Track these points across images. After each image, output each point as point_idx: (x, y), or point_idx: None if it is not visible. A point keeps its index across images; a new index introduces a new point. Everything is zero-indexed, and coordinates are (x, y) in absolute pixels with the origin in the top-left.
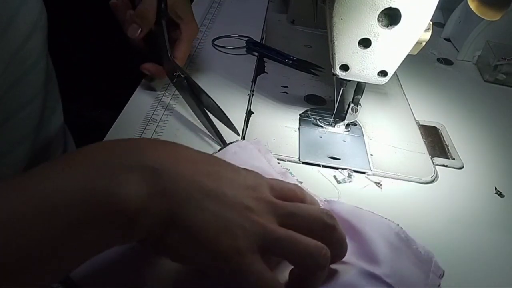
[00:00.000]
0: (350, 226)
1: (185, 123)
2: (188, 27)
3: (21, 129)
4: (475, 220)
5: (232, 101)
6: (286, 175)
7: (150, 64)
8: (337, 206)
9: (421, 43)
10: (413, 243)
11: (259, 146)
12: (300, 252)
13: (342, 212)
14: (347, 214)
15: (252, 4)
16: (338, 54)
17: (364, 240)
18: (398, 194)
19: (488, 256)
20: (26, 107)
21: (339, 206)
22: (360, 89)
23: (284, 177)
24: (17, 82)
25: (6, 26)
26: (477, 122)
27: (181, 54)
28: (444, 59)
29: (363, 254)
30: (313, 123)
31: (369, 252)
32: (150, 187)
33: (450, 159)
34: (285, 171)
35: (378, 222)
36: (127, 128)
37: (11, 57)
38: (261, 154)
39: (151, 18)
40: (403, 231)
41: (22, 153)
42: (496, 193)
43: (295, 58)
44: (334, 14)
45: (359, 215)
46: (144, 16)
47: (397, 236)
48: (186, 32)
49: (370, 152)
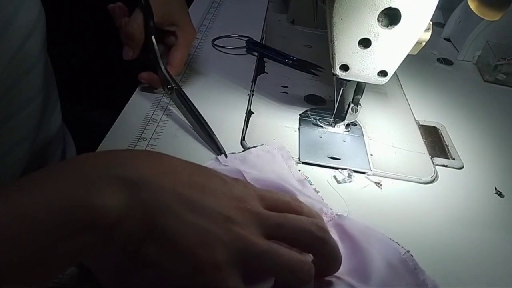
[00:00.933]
0: (355, 243)
1: (185, 124)
2: (184, 32)
3: (20, 130)
4: (475, 220)
5: (232, 101)
6: (304, 182)
7: (146, 74)
8: (346, 222)
9: (421, 43)
10: (421, 274)
11: (282, 151)
12: (281, 267)
13: (351, 229)
14: (356, 231)
15: (252, 4)
16: (338, 54)
17: (365, 260)
18: (398, 194)
19: (488, 256)
20: (25, 108)
21: (348, 222)
22: (360, 89)
23: (302, 185)
24: (17, 83)
25: (4, 27)
26: (477, 122)
27: (176, 61)
28: (444, 59)
29: (359, 272)
30: (313, 123)
31: (365, 271)
32: (128, 198)
33: (450, 159)
34: (304, 179)
35: (386, 245)
36: (127, 128)
37: (10, 58)
38: (283, 160)
39: (139, 38)
40: (413, 259)
41: (21, 153)
42: (496, 193)
43: (295, 58)
44: (334, 14)
45: (367, 234)
46: (132, 38)
47: (403, 262)
48: (182, 38)
49: (370, 152)
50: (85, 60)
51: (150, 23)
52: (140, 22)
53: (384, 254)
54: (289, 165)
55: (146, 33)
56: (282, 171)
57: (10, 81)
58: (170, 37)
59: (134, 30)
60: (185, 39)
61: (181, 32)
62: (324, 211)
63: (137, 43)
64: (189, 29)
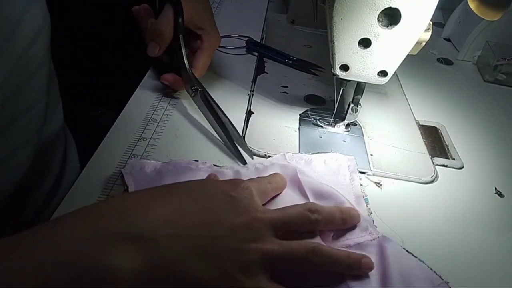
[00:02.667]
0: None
1: (185, 124)
2: (209, 37)
3: (23, 134)
4: (475, 220)
5: (232, 101)
6: (360, 200)
7: (169, 75)
8: (386, 244)
9: (421, 43)
10: None
11: (350, 163)
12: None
13: (389, 250)
14: (393, 253)
15: (252, 4)
16: (338, 54)
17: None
18: (398, 194)
19: (488, 256)
20: (29, 111)
21: (388, 244)
22: (360, 89)
23: (357, 201)
24: (21, 87)
25: (10, 32)
26: (477, 122)
27: (201, 64)
28: (444, 59)
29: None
30: (313, 123)
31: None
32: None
33: (450, 159)
34: (361, 196)
35: (422, 270)
36: (127, 128)
37: (16, 61)
38: (348, 172)
39: (168, 36)
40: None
41: (24, 156)
42: (496, 193)
43: (295, 58)
44: (334, 14)
45: (404, 258)
46: (160, 34)
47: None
48: (207, 43)
49: (370, 152)
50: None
51: (180, 22)
52: (170, 19)
53: (417, 278)
54: (353, 177)
55: (175, 31)
56: (342, 183)
57: (15, 85)
58: (195, 41)
59: (163, 26)
60: (211, 44)
61: (207, 36)
62: (369, 230)
63: (165, 40)
64: (215, 34)
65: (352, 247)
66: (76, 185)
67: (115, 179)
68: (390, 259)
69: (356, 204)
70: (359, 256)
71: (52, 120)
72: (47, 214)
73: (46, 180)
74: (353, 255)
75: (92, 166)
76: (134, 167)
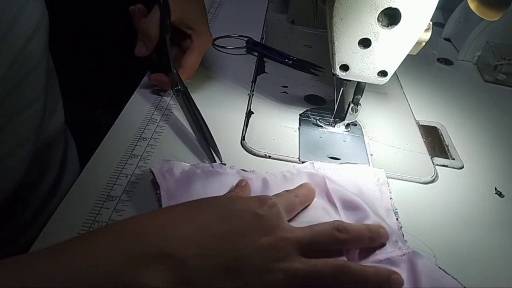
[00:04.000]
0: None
1: (185, 124)
2: (199, 37)
3: (22, 132)
4: (475, 220)
5: (232, 101)
6: (390, 213)
7: (157, 75)
8: (418, 260)
9: (421, 43)
10: None
11: (380, 175)
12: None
13: (420, 267)
14: (425, 270)
15: (252, 4)
16: (338, 54)
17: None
18: (398, 194)
19: (488, 256)
20: (28, 109)
21: (419, 260)
22: (360, 89)
23: (387, 214)
24: (19, 84)
25: (8, 28)
26: (477, 122)
27: (188, 64)
28: (444, 59)
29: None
30: (313, 123)
31: None
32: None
33: (450, 159)
34: (390, 209)
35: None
36: (127, 128)
37: (14, 58)
38: (377, 184)
39: (154, 36)
40: None
41: (23, 154)
42: (496, 193)
43: (295, 58)
44: (334, 14)
45: (436, 275)
46: (146, 34)
47: None
48: (197, 43)
49: (370, 152)
50: (86, 60)
51: (166, 22)
52: (157, 19)
53: None
54: (382, 190)
55: (161, 31)
56: (372, 195)
57: (13, 82)
58: (186, 40)
59: (149, 27)
60: (200, 44)
61: (196, 36)
62: (399, 245)
63: (151, 40)
64: (206, 34)
65: (382, 262)
66: (76, 185)
67: (115, 179)
68: (422, 276)
69: (386, 217)
70: (388, 273)
71: (52, 119)
72: (46, 214)
73: (45, 180)
74: (382, 271)
75: (92, 166)
76: (163, 167)
